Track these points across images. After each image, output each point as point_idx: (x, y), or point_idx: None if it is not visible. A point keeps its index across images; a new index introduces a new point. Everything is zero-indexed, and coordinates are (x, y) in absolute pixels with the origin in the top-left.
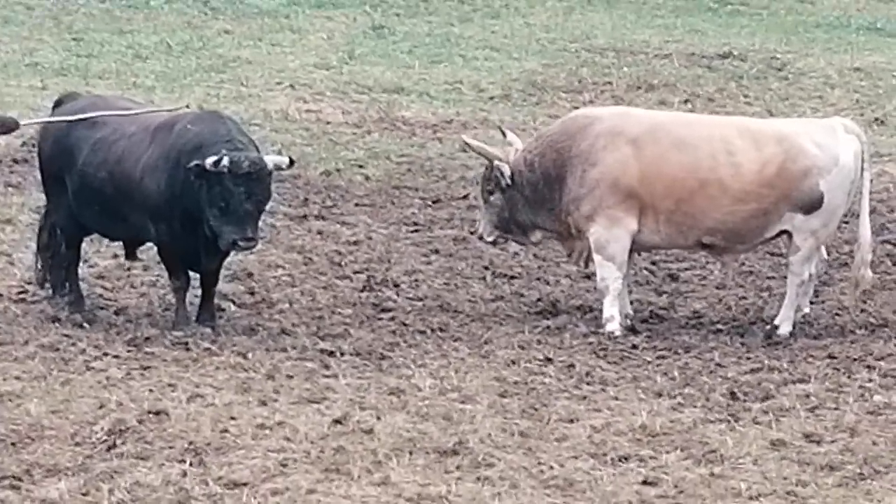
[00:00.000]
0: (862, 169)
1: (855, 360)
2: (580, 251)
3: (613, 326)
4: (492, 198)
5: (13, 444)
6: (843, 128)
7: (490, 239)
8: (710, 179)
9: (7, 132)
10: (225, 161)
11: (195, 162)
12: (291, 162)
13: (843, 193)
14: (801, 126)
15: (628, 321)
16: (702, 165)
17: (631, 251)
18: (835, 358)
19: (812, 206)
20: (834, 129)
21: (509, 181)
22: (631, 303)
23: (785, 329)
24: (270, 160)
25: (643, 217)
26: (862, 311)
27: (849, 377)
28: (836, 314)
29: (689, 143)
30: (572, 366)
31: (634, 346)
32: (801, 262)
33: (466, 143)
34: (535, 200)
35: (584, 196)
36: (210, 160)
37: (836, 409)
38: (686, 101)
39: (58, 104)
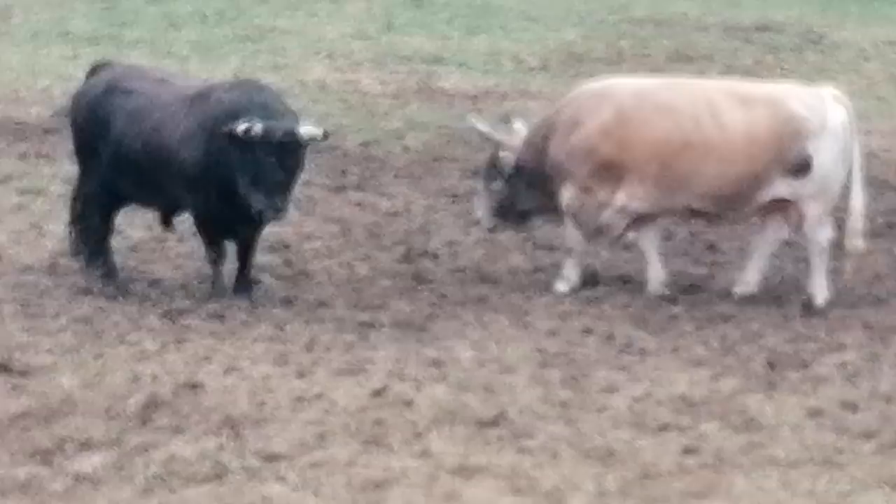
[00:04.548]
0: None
1: (890, 328)
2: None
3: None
4: (493, 184)
5: (45, 418)
6: (832, 96)
7: (489, 226)
8: (695, 140)
9: None
10: (257, 128)
11: (227, 127)
12: (326, 135)
13: (833, 158)
14: (789, 89)
15: (666, 290)
16: (685, 126)
17: (628, 223)
18: (871, 327)
19: (801, 168)
20: (822, 95)
21: (513, 171)
22: (670, 273)
23: (820, 298)
24: (305, 131)
25: (629, 184)
26: None
27: (885, 345)
28: (872, 283)
29: (671, 106)
30: (612, 336)
31: (674, 316)
32: (813, 229)
33: (475, 127)
34: (531, 184)
35: (563, 161)
36: (242, 127)
37: (872, 377)
38: (724, 73)
39: (92, 72)
